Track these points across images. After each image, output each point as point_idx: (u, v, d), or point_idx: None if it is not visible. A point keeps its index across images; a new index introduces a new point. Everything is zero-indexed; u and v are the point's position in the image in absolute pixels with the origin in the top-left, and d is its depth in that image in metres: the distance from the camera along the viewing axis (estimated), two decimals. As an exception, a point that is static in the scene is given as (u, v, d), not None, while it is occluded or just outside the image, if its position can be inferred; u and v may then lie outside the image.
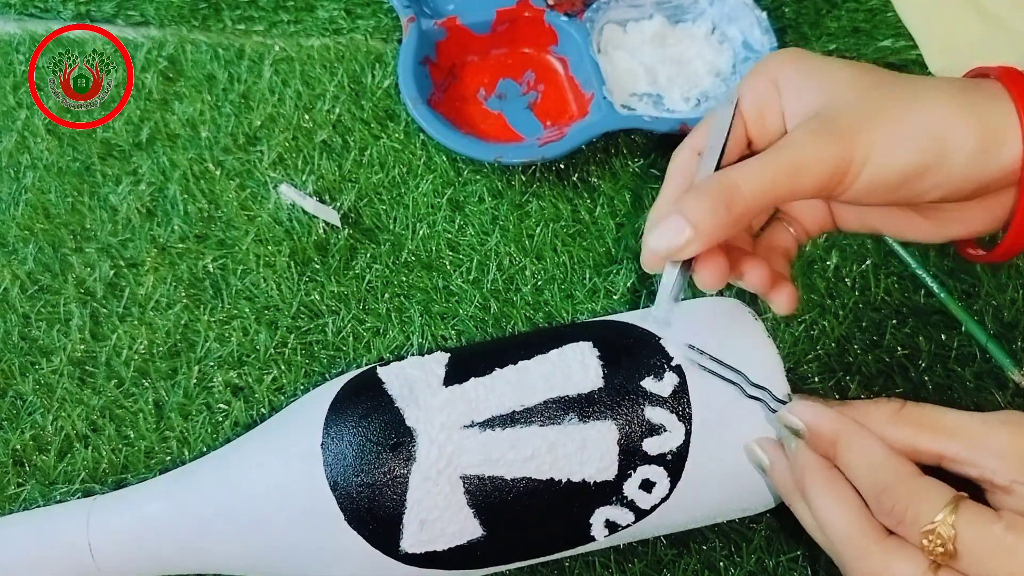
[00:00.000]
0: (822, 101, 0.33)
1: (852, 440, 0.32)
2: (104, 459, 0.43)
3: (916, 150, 0.32)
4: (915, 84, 0.33)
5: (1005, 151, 0.32)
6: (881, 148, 0.32)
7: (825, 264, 0.48)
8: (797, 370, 0.45)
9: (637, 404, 0.36)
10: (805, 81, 0.34)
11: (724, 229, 0.32)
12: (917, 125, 0.32)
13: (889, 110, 0.32)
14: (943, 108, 0.32)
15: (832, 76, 0.34)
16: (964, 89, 0.33)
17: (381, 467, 0.35)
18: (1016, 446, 0.30)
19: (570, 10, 0.58)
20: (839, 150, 0.32)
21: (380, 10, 0.60)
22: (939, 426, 0.32)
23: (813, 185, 0.32)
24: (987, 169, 0.32)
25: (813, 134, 0.32)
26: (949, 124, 0.32)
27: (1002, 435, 0.31)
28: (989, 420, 0.31)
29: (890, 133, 0.32)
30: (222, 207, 0.51)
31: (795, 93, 0.35)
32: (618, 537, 0.37)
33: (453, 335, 0.47)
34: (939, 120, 0.32)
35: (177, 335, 0.46)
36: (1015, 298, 0.47)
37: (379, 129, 0.54)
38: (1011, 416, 0.31)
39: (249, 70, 0.57)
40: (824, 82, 0.34)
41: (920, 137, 0.32)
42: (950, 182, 0.32)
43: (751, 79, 0.36)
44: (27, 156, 0.53)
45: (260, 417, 0.44)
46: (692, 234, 0.32)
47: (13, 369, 0.45)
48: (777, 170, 0.32)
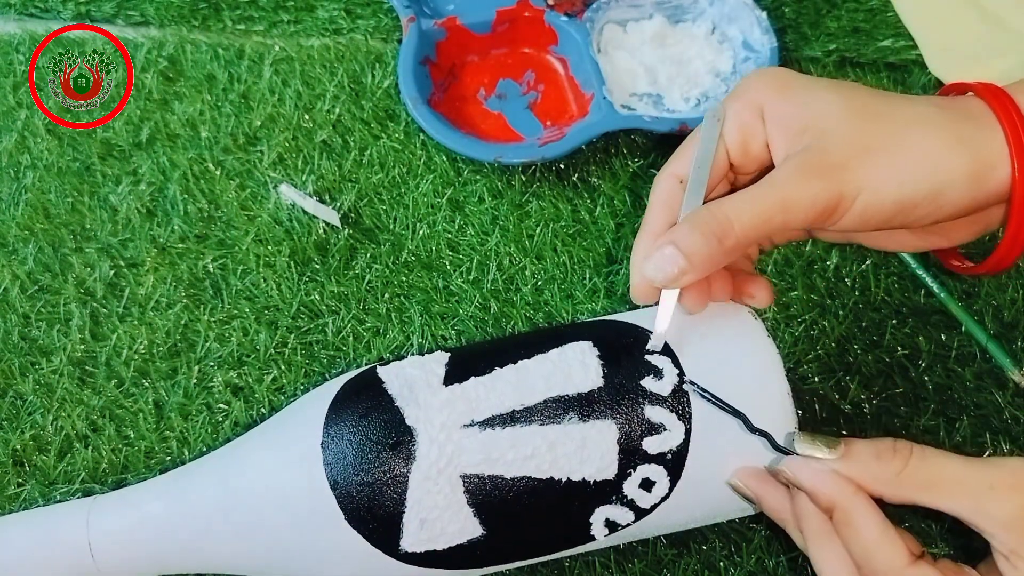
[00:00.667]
0: (810, 134, 0.33)
1: (849, 515, 0.32)
2: (104, 459, 0.43)
3: (909, 184, 0.32)
4: (903, 112, 0.33)
5: (995, 174, 0.32)
6: (873, 185, 0.31)
7: (825, 264, 0.49)
8: (797, 370, 0.45)
9: (637, 403, 0.36)
10: (791, 111, 0.34)
11: (717, 261, 0.33)
12: (909, 159, 0.32)
13: (880, 144, 0.32)
14: (934, 140, 0.32)
15: (818, 104, 0.33)
16: (953, 117, 0.32)
17: (381, 466, 0.35)
18: (1020, 517, 0.30)
19: (570, 10, 0.58)
20: (830, 188, 0.31)
21: (380, 10, 0.60)
22: (943, 484, 0.31)
23: (804, 221, 0.32)
24: (979, 195, 0.32)
25: (804, 172, 0.32)
26: (941, 157, 0.31)
27: (1007, 504, 0.30)
28: (997, 484, 0.31)
29: (882, 169, 0.32)
30: (222, 207, 0.51)
31: (781, 124, 0.34)
32: (618, 537, 0.37)
33: (453, 335, 0.47)
34: (931, 153, 0.31)
35: (177, 335, 0.46)
36: (1015, 298, 0.47)
37: (379, 129, 0.54)
38: (1019, 478, 0.31)
39: (249, 70, 0.57)
40: (811, 111, 0.33)
41: (912, 172, 0.32)
42: (942, 211, 0.32)
43: (734, 105, 0.36)
44: (27, 156, 0.53)
45: (260, 417, 0.44)
46: (687, 265, 0.33)
47: (13, 369, 0.45)
48: (769, 207, 0.32)
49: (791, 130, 0.33)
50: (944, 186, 0.31)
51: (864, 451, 0.33)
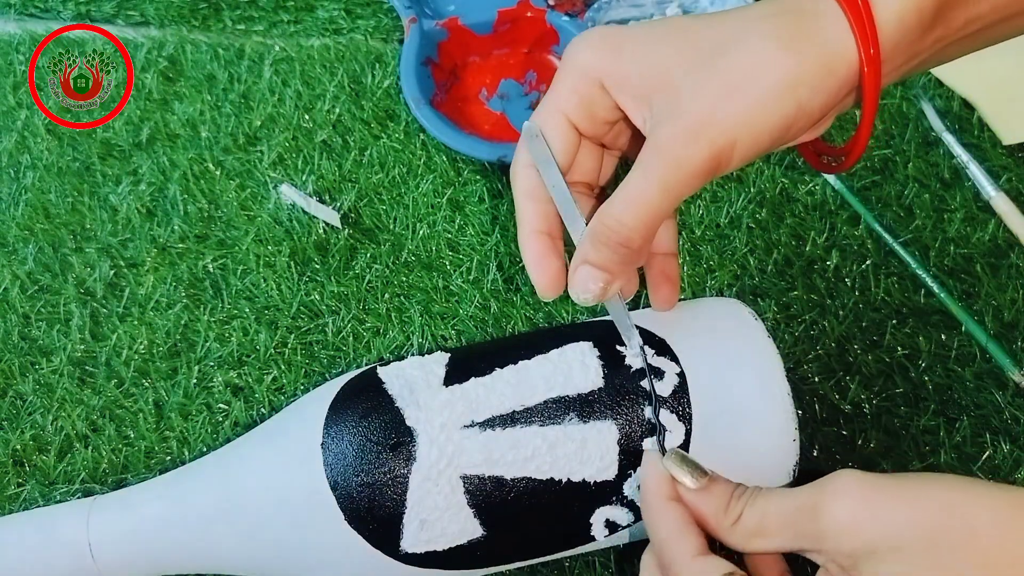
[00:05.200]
0: (661, 95, 0.31)
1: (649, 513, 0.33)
2: (104, 459, 0.43)
3: (776, 111, 0.30)
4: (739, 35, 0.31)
5: (843, 61, 0.30)
6: (744, 129, 0.30)
7: (825, 264, 0.48)
8: (797, 370, 0.45)
9: (637, 404, 0.36)
10: (632, 75, 0.32)
11: (635, 259, 0.34)
12: (765, 86, 0.30)
13: (731, 81, 0.30)
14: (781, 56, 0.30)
15: (656, 58, 0.32)
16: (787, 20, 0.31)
17: (381, 467, 0.35)
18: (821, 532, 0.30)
19: (571, 10, 0.58)
20: (705, 150, 0.30)
21: (380, 10, 0.60)
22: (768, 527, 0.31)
23: (695, 188, 0.32)
24: (835, 87, 0.31)
25: (673, 145, 0.31)
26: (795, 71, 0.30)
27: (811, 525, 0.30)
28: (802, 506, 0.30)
29: (747, 109, 0.30)
30: (222, 207, 0.51)
31: (626, 91, 0.33)
32: (618, 537, 0.37)
33: (453, 335, 0.47)
34: (783, 71, 0.30)
35: (177, 335, 0.46)
36: (1015, 298, 0.47)
37: (379, 129, 0.54)
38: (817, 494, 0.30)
39: (249, 70, 0.57)
40: (652, 69, 0.32)
41: (775, 98, 0.30)
42: (811, 119, 0.31)
43: (569, 81, 0.34)
44: (27, 156, 0.53)
45: (260, 417, 0.44)
46: (608, 276, 0.34)
47: (13, 369, 0.45)
48: (652, 196, 0.31)
49: (639, 96, 0.32)
50: (806, 98, 0.30)
51: (717, 499, 0.32)
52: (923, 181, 0.51)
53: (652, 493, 0.33)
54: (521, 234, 0.36)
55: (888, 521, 0.28)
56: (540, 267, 0.35)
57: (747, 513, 0.31)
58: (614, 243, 0.32)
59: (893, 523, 0.28)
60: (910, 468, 0.42)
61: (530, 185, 0.36)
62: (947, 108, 0.54)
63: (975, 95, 0.54)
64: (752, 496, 0.32)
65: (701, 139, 0.30)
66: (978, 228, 0.49)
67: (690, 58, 0.31)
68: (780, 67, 0.30)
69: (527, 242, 0.36)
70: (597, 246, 0.33)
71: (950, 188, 0.51)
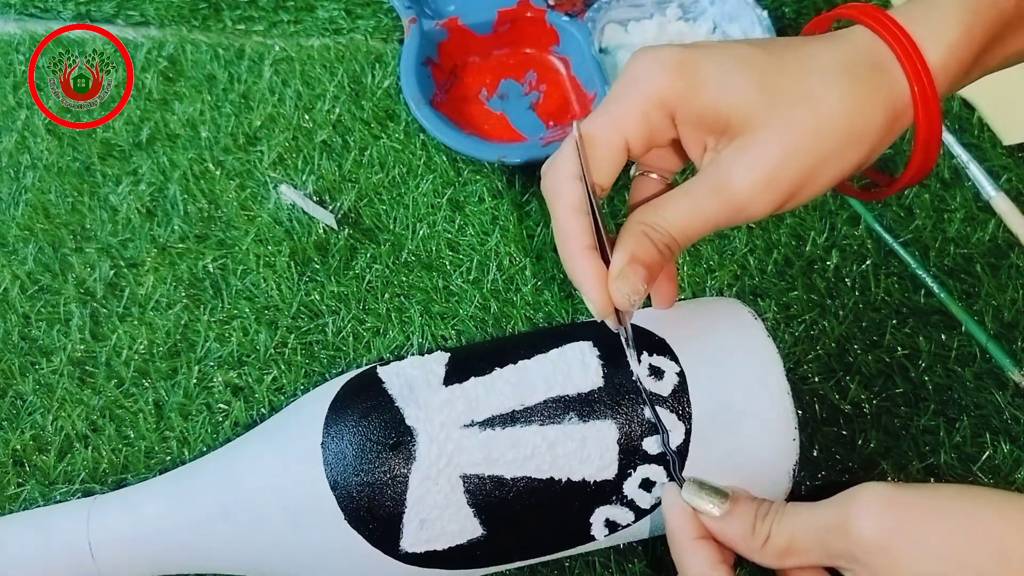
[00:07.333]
0: (734, 131, 0.32)
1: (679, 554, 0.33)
2: (104, 459, 0.43)
3: (847, 164, 0.32)
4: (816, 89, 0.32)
5: (906, 114, 0.32)
6: (812, 182, 0.32)
7: (825, 264, 0.48)
8: (797, 370, 0.45)
9: (637, 403, 0.36)
10: (705, 106, 0.32)
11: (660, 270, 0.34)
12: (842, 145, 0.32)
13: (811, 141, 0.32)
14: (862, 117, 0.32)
15: (731, 89, 0.32)
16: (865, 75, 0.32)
17: (381, 466, 0.35)
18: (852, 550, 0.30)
19: (571, 10, 0.58)
20: (775, 203, 0.32)
21: (380, 10, 0.60)
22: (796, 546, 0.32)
23: (756, 219, 0.33)
24: (895, 133, 0.33)
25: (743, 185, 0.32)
26: (872, 129, 0.32)
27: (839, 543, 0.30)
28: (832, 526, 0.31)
29: (820, 163, 0.32)
30: (222, 207, 0.51)
31: (698, 124, 0.33)
32: (618, 537, 0.37)
33: (453, 335, 0.47)
34: (862, 130, 0.32)
35: (177, 335, 0.46)
36: (1015, 298, 0.47)
37: (379, 129, 0.54)
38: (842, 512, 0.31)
39: (249, 70, 0.57)
40: (726, 101, 0.32)
41: (849, 153, 0.32)
42: (871, 160, 0.33)
43: (640, 106, 0.33)
44: (27, 156, 0.53)
45: (260, 417, 0.44)
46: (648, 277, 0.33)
47: (13, 369, 0.45)
48: (718, 213, 0.32)
49: (707, 131, 0.33)
50: (873, 147, 0.32)
51: (742, 521, 0.33)
52: (923, 181, 0.51)
53: (679, 535, 0.33)
54: (568, 250, 0.34)
55: (918, 543, 0.29)
56: (598, 287, 0.33)
57: (775, 533, 0.32)
58: (664, 246, 0.33)
59: (924, 549, 0.29)
60: (910, 468, 0.42)
61: (577, 199, 0.34)
62: (947, 108, 0.54)
63: (975, 95, 0.54)
64: (778, 514, 0.32)
65: (772, 190, 0.32)
66: (978, 228, 0.49)
67: (768, 104, 0.32)
68: (858, 124, 0.32)
69: (579, 260, 0.33)
70: (645, 244, 0.33)
71: (950, 188, 0.51)
